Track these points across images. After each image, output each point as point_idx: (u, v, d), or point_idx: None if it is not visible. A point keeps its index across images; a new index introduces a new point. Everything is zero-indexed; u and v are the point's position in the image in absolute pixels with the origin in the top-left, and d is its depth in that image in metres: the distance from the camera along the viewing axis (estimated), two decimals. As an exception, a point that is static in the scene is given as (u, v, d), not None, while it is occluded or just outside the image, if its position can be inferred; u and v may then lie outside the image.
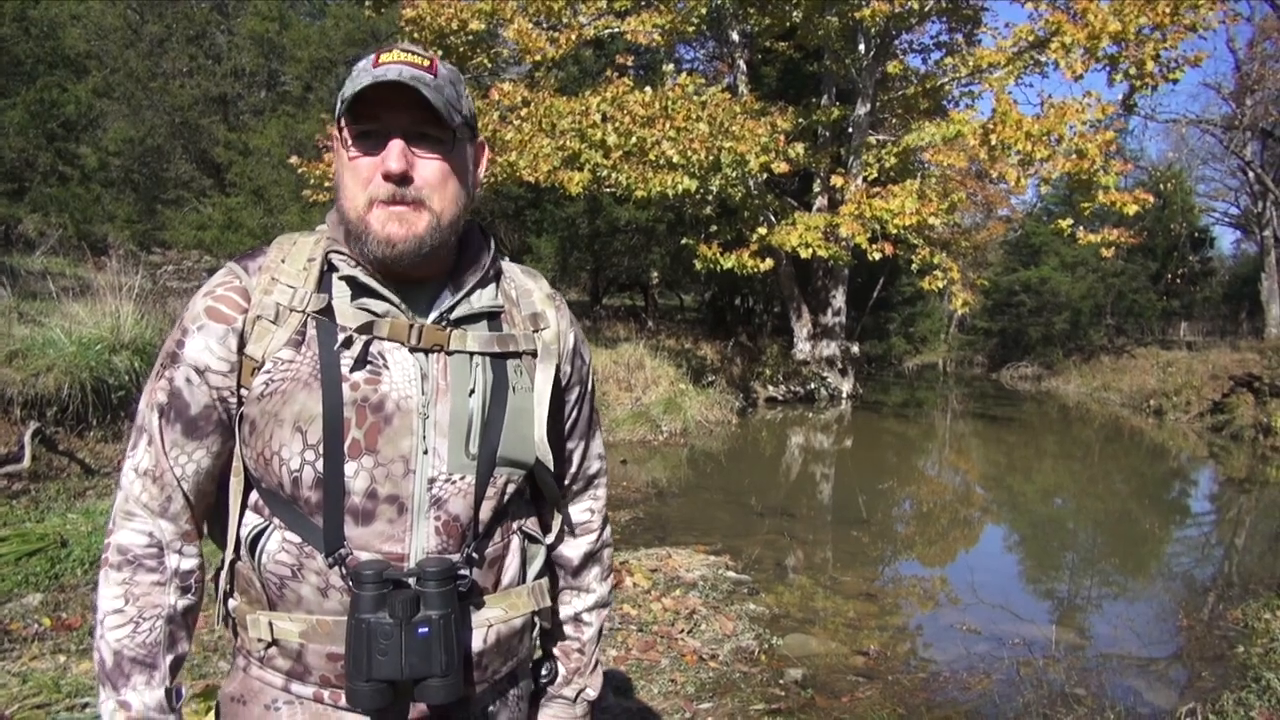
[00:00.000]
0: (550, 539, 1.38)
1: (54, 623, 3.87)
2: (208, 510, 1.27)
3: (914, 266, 14.62)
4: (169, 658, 1.21)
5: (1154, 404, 17.71)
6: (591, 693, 1.45)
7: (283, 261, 1.23)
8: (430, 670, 1.13)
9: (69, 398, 6.19)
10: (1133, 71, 12.46)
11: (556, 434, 1.34)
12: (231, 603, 1.24)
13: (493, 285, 1.30)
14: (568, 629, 1.45)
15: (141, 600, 1.19)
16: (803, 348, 16.60)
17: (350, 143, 1.17)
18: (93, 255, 9.70)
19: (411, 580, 1.15)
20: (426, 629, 1.12)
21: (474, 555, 1.22)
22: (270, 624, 1.19)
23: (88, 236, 15.06)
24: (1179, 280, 26.17)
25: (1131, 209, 12.58)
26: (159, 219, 16.96)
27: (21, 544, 4.66)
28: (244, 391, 1.19)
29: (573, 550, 1.44)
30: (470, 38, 13.92)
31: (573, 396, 1.39)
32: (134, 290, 7.14)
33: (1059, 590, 6.33)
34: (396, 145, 1.14)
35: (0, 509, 5.25)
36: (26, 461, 5.81)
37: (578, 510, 1.45)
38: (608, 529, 1.50)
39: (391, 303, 1.21)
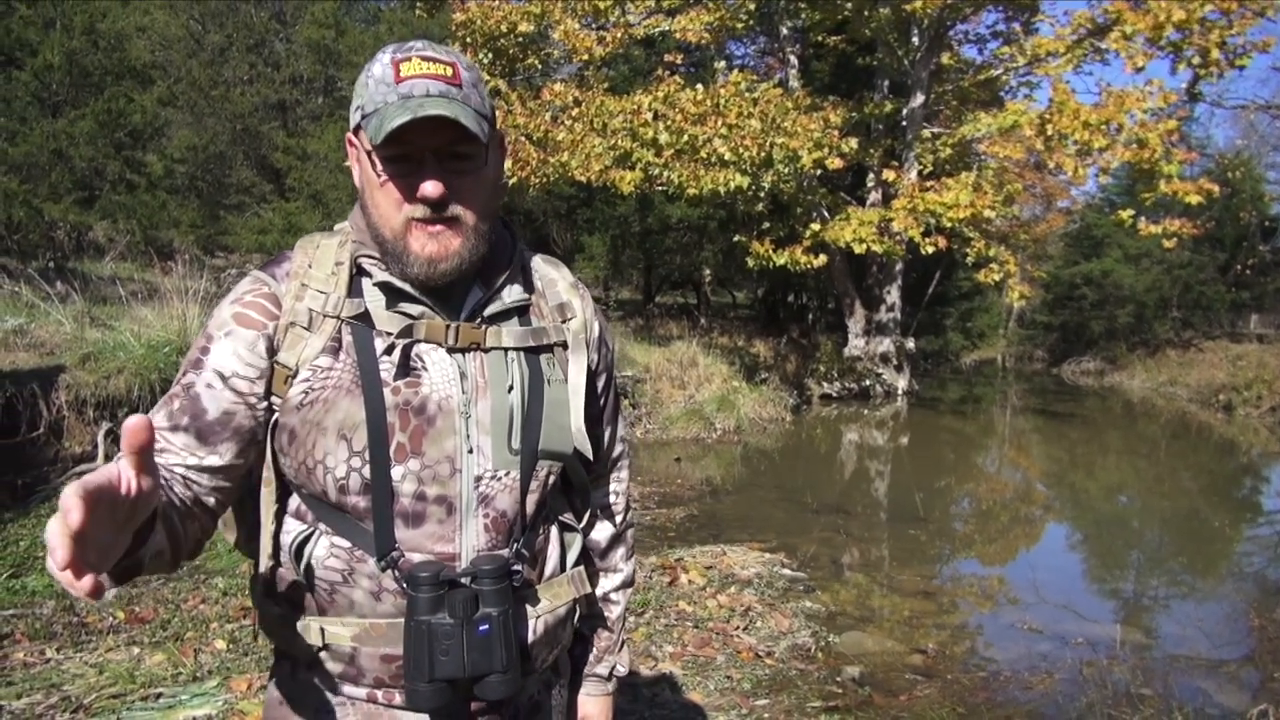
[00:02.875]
0: (582, 524, 1.40)
1: (128, 616, 3.99)
2: (197, 506, 1.14)
3: (969, 260, 14.39)
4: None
5: (1223, 399, 17.18)
6: (621, 669, 1.48)
7: (310, 266, 1.21)
8: (492, 667, 1.14)
9: (139, 399, 6.36)
10: (1197, 60, 12.09)
11: (590, 421, 1.34)
12: (276, 610, 1.24)
13: (520, 279, 1.30)
14: (597, 609, 1.47)
15: None
16: (857, 344, 16.42)
17: (379, 165, 1.15)
18: (159, 260, 9.94)
19: (466, 579, 1.16)
20: (487, 627, 1.13)
21: (523, 551, 1.23)
22: (321, 629, 1.19)
23: (154, 242, 15.43)
24: (1249, 271, 25.24)
25: (1195, 199, 12.21)
26: (222, 224, 17.35)
27: (96, 540, 4.81)
28: (275, 400, 1.18)
29: (600, 533, 1.47)
30: (521, 40, 14.01)
31: (600, 383, 1.40)
32: (199, 294, 7.31)
33: (1124, 590, 6.19)
34: (432, 174, 1.13)
35: (76, 506, 5.42)
36: (100, 460, 5.99)
37: (604, 494, 1.47)
38: (631, 510, 1.52)
39: (426, 305, 1.21)
